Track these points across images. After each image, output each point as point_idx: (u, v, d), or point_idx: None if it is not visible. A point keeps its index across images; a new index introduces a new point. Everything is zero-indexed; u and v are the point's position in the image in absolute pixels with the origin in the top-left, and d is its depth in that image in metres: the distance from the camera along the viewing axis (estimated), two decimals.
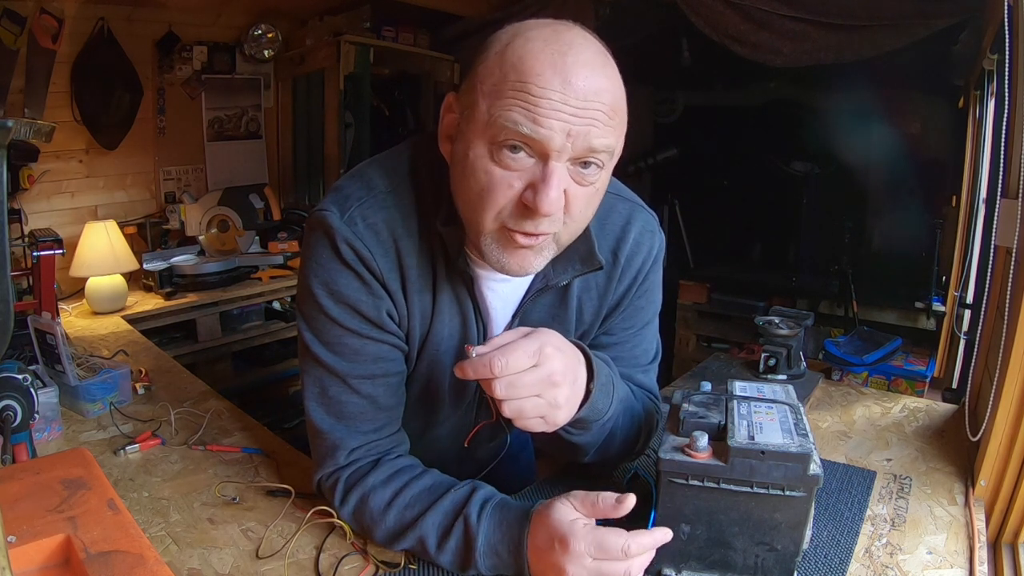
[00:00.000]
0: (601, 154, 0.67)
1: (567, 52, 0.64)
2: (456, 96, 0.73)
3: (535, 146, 0.65)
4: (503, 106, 0.64)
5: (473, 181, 0.68)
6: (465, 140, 0.69)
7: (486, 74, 0.67)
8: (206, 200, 2.69)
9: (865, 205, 3.34)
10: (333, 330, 0.78)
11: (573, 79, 0.63)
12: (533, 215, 0.67)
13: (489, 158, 0.67)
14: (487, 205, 0.68)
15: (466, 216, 0.73)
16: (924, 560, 0.83)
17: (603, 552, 0.66)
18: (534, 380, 0.67)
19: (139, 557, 0.62)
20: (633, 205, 0.89)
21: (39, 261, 1.58)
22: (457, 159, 0.71)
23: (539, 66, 0.63)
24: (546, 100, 0.63)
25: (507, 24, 0.71)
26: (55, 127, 0.73)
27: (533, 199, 0.65)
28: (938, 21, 1.99)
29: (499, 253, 0.71)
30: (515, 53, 0.65)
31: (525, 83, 0.63)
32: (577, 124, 0.64)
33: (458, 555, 0.74)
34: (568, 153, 0.65)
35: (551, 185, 0.65)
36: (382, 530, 0.79)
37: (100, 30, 2.40)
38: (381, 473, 0.80)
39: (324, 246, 0.76)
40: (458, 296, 0.82)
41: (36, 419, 1.04)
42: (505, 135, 0.64)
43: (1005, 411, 0.96)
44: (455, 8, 3.01)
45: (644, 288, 0.91)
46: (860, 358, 2.09)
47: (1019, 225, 1.00)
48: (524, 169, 0.66)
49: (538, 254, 0.72)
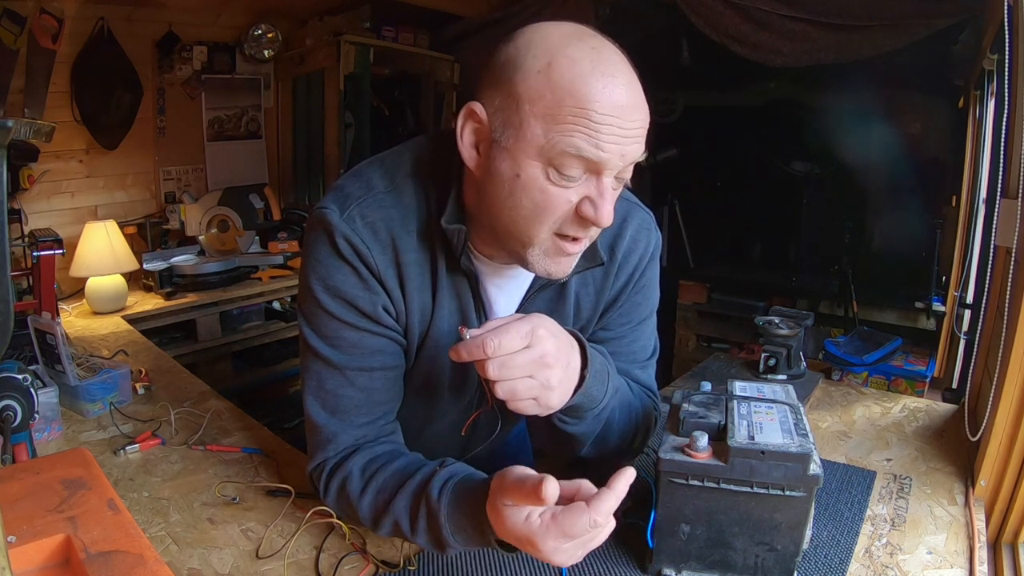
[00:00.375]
0: (634, 164, 0.71)
1: (615, 74, 0.67)
2: (484, 107, 0.72)
3: (592, 166, 0.68)
4: (563, 131, 0.66)
5: (526, 199, 0.70)
6: (514, 159, 0.69)
7: (534, 95, 0.67)
8: (206, 200, 2.69)
9: (865, 205, 3.34)
10: (330, 324, 0.79)
11: (622, 100, 0.67)
12: (589, 225, 0.71)
13: (546, 178, 0.69)
14: (543, 220, 0.71)
15: (511, 229, 0.73)
16: (924, 560, 0.83)
17: (574, 533, 0.64)
18: (526, 360, 0.68)
19: (139, 557, 0.62)
20: (629, 203, 0.90)
21: (39, 261, 1.58)
22: (499, 177, 0.71)
23: (593, 92, 0.66)
24: (606, 127, 0.66)
25: (501, 28, 0.71)
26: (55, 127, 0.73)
27: (594, 213, 0.69)
28: (938, 21, 1.99)
29: (547, 262, 0.75)
30: (563, 75, 0.66)
31: (584, 109, 0.65)
32: (626, 144, 0.68)
33: (431, 535, 0.74)
34: (618, 169, 0.70)
35: (608, 200, 0.70)
36: (362, 514, 0.79)
37: (100, 30, 2.40)
38: (360, 459, 0.81)
39: (323, 243, 0.77)
40: (459, 293, 0.83)
41: (36, 419, 1.04)
42: (565, 159, 0.67)
43: (1005, 411, 0.96)
44: (455, 8, 3.01)
45: (641, 284, 0.92)
46: (860, 358, 2.09)
47: (1019, 225, 1.00)
48: (578, 184, 0.70)
49: (577, 258, 0.77)
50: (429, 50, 3.15)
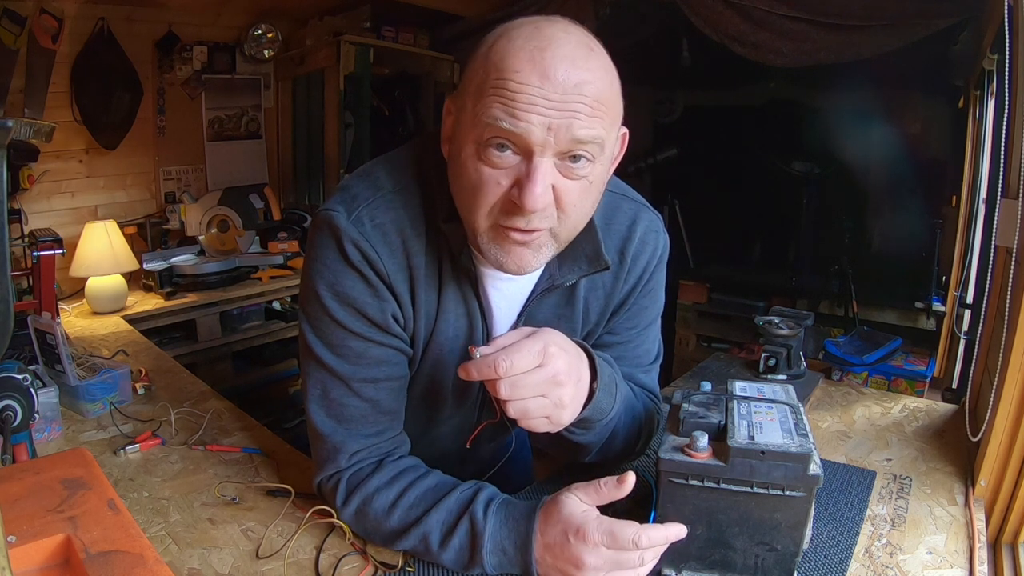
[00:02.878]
0: (588, 145, 0.66)
1: (546, 48, 0.64)
2: (452, 99, 0.73)
3: (518, 142, 0.65)
4: (485, 104, 0.65)
5: (465, 180, 0.69)
6: (458, 141, 0.70)
7: (472, 75, 0.68)
8: (206, 200, 2.69)
9: (865, 205, 3.34)
10: (337, 332, 0.77)
11: (552, 73, 0.63)
12: (522, 211, 0.67)
13: (477, 157, 0.67)
14: (478, 203, 0.69)
15: (463, 215, 0.73)
16: (924, 560, 0.83)
17: (615, 542, 0.67)
18: (539, 380, 0.67)
19: (139, 557, 0.62)
20: (638, 205, 0.89)
21: (39, 261, 1.58)
22: (452, 159, 0.72)
23: (518, 63, 0.64)
24: (524, 95, 0.63)
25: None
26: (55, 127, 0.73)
27: (519, 195, 0.66)
28: (938, 21, 1.99)
29: (496, 251, 0.71)
30: (497, 53, 0.66)
31: (504, 80, 0.64)
32: (557, 118, 0.64)
33: (462, 552, 0.74)
34: (552, 148, 0.65)
35: (535, 181, 0.65)
36: (385, 530, 0.78)
37: (100, 30, 2.40)
38: (385, 475, 0.80)
39: (330, 247, 0.75)
40: (463, 295, 0.82)
41: (36, 419, 1.04)
42: (488, 132, 0.65)
43: (1005, 411, 0.96)
44: (455, 8, 3.01)
45: (649, 287, 0.91)
46: (860, 358, 2.09)
47: (1019, 225, 1.00)
48: (510, 167, 0.67)
49: (536, 252, 0.72)
50: (429, 50, 3.15)
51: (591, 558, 0.67)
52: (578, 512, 0.70)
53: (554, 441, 0.84)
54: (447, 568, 0.77)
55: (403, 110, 3.37)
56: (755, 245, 3.78)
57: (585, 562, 0.67)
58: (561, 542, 0.69)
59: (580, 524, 0.68)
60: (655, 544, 0.68)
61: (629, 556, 0.68)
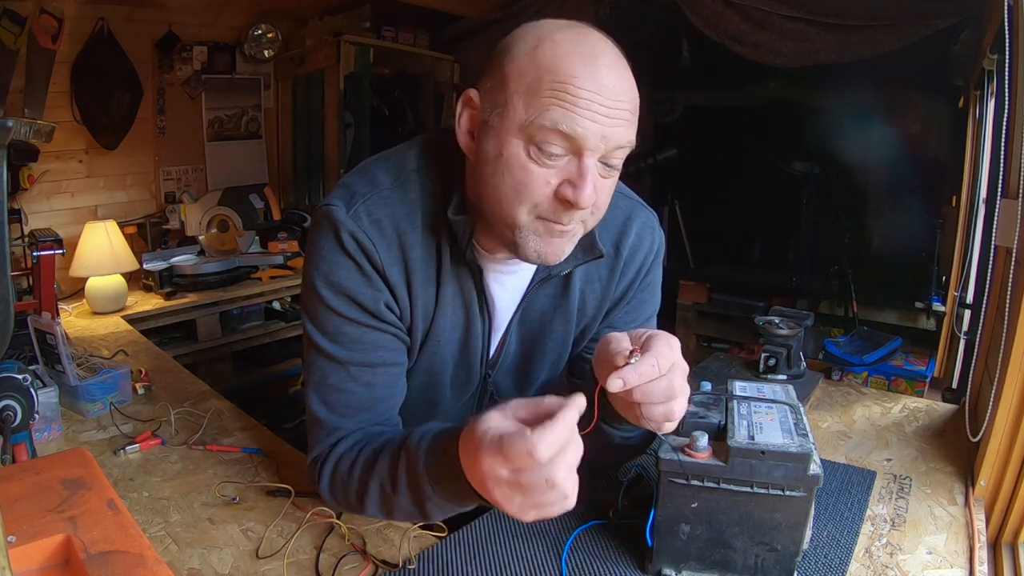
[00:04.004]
0: (624, 150, 0.71)
1: (598, 56, 0.67)
2: (479, 92, 0.74)
3: (572, 144, 0.68)
4: (542, 106, 0.67)
5: (508, 177, 0.70)
6: (498, 138, 0.70)
7: (519, 74, 0.69)
8: (206, 200, 2.69)
9: (865, 205, 3.34)
10: (333, 320, 0.79)
11: (605, 80, 0.67)
12: (570, 209, 0.70)
13: (527, 155, 0.69)
14: (523, 200, 0.70)
15: (496, 210, 0.74)
16: (924, 560, 0.83)
17: (510, 461, 0.56)
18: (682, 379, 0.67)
19: (139, 557, 0.62)
20: (633, 202, 0.91)
21: (39, 261, 1.58)
22: (487, 157, 0.72)
23: (574, 68, 0.66)
24: (584, 100, 0.66)
25: (501, 29, 0.72)
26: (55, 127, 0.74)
27: (573, 194, 0.68)
28: (938, 21, 1.99)
29: (536, 242, 0.73)
30: (547, 55, 0.68)
31: (563, 83, 0.66)
32: (609, 125, 0.67)
33: (412, 492, 0.71)
34: (600, 152, 0.69)
35: (587, 181, 0.68)
36: (352, 493, 0.78)
37: (100, 30, 2.40)
38: (351, 439, 0.81)
39: (328, 238, 0.77)
40: (462, 288, 0.83)
41: (36, 419, 1.04)
42: (543, 134, 0.67)
43: (1005, 411, 0.96)
44: (455, 8, 3.01)
45: (647, 282, 0.92)
46: (860, 358, 2.09)
47: (1019, 225, 1.00)
48: (560, 166, 0.69)
49: (570, 240, 0.75)
50: (429, 50, 3.15)
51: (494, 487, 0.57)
52: (477, 434, 0.59)
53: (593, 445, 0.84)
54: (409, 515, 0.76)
55: (403, 110, 3.37)
56: (755, 245, 3.78)
57: (492, 493, 0.58)
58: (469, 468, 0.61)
59: (473, 447, 0.58)
60: (554, 447, 0.54)
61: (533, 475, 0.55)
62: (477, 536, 0.85)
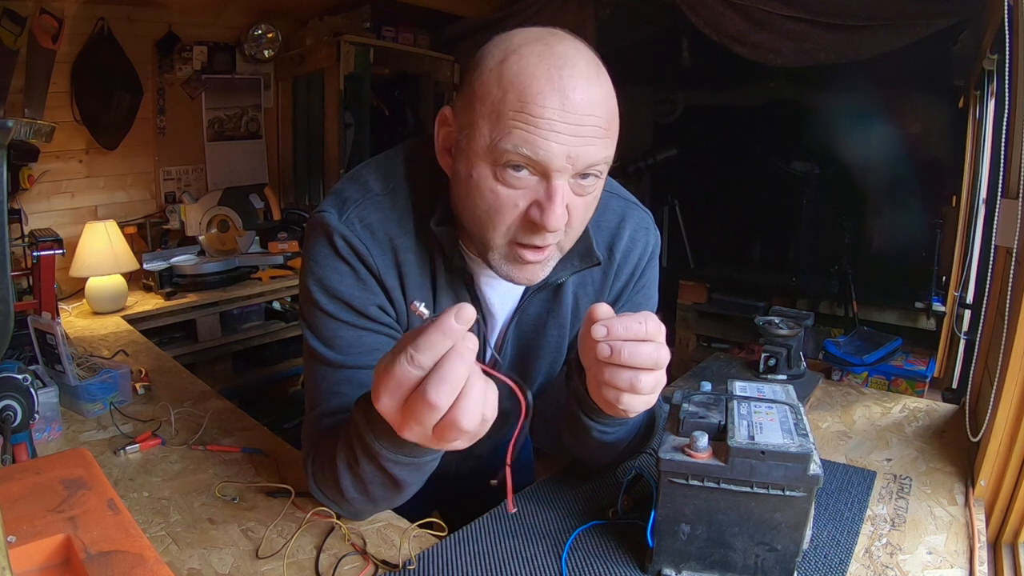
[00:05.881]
0: (600, 165, 0.69)
1: (563, 67, 0.65)
2: (452, 111, 0.73)
3: (537, 167, 0.66)
4: (504, 128, 0.65)
5: (480, 200, 0.70)
6: (467, 160, 0.70)
7: (484, 93, 0.67)
8: (206, 200, 2.69)
9: (865, 205, 3.34)
10: (328, 324, 0.79)
11: (571, 93, 0.64)
12: (540, 231, 0.68)
13: (493, 178, 0.68)
14: (495, 223, 0.70)
15: (474, 231, 0.74)
16: (924, 560, 0.82)
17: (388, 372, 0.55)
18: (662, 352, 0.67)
19: (139, 557, 0.61)
20: (627, 203, 0.90)
21: (39, 261, 1.58)
22: (460, 178, 0.72)
23: (537, 84, 0.64)
24: (545, 120, 0.64)
25: (501, 29, 0.71)
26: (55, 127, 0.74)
27: (540, 217, 0.67)
28: (938, 21, 1.99)
29: (508, 267, 0.73)
30: (511, 71, 0.65)
31: (524, 103, 0.64)
32: (577, 144, 0.65)
33: (366, 454, 0.70)
34: (570, 171, 0.67)
35: (555, 203, 0.67)
36: (328, 472, 0.77)
37: (100, 30, 2.40)
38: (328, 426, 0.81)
39: (322, 244, 0.78)
40: (458, 294, 0.83)
41: (36, 419, 1.04)
42: (508, 157, 0.66)
43: (1005, 411, 0.96)
44: (455, 8, 3.01)
45: (641, 284, 0.92)
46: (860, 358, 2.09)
47: (1019, 225, 1.00)
48: (528, 187, 0.68)
49: (545, 266, 0.75)
50: (429, 50, 3.15)
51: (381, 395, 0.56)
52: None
53: (578, 444, 0.84)
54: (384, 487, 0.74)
55: (403, 110, 3.37)
56: (755, 245, 3.78)
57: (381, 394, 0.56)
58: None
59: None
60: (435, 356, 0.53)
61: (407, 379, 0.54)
62: (477, 536, 0.85)
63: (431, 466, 0.74)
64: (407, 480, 0.73)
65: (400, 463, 0.70)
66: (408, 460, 0.69)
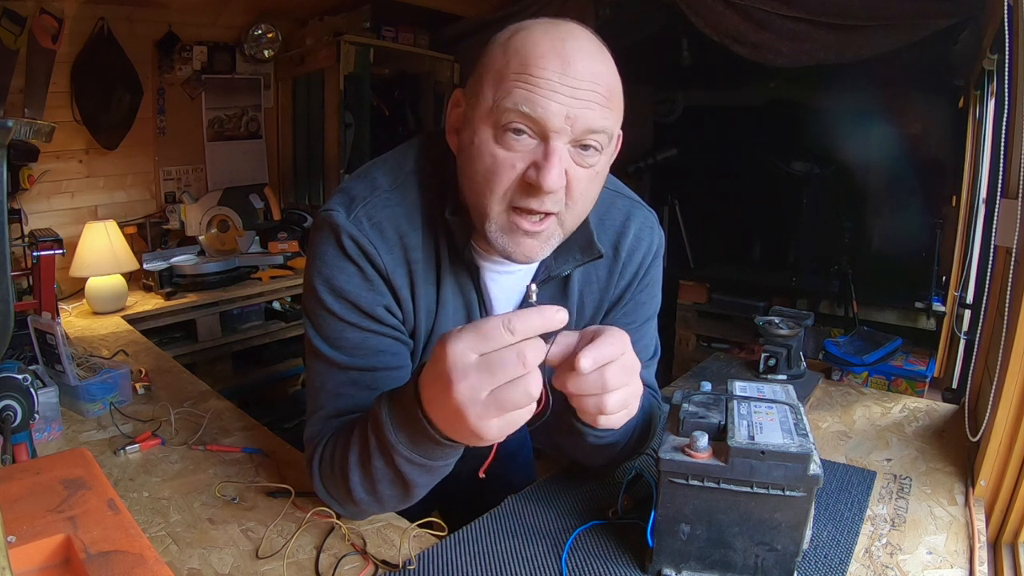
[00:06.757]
0: (599, 135, 0.69)
1: (566, 39, 0.68)
2: (463, 91, 0.75)
3: (536, 126, 0.67)
4: (506, 89, 0.67)
5: (479, 164, 0.70)
6: (471, 127, 0.71)
7: (490, 63, 0.70)
8: (206, 200, 2.69)
9: (865, 205, 3.34)
10: (334, 325, 0.79)
11: (572, 61, 0.66)
12: (537, 192, 0.69)
13: (494, 141, 0.69)
14: (493, 186, 0.70)
15: (472, 201, 0.74)
16: (924, 560, 0.82)
17: (484, 339, 0.56)
18: (631, 366, 0.65)
19: (139, 557, 0.61)
20: (632, 202, 0.90)
21: (39, 261, 1.58)
22: (463, 147, 0.74)
23: (539, 50, 0.67)
24: (545, 80, 0.66)
25: (501, 28, 0.74)
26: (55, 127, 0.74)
27: (536, 176, 0.68)
28: (938, 21, 1.99)
29: (505, 240, 0.73)
30: (517, 43, 0.68)
31: (526, 66, 0.66)
32: (576, 106, 0.66)
33: (381, 448, 0.70)
34: (568, 135, 0.68)
35: (553, 163, 0.67)
36: (339, 472, 0.77)
37: (100, 30, 2.40)
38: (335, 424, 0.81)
39: (329, 243, 0.77)
40: (462, 288, 0.83)
41: (36, 419, 1.04)
42: (507, 117, 0.67)
43: (1005, 411, 0.96)
44: (455, 8, 3.01)
45: (645, 283, 0.92)
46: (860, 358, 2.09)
47: (1019, 225, 1.00)
48: (527, 150, 0.69)
49: (544, 242, 0.74)
50: (429, 50, 3.15)
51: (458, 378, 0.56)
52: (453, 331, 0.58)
53: (573, 446, 0.84)
54: (392, 485, 0.74)
55: (403, 110, 3.37)
56: (755, 245, 3.78)
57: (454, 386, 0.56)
58: (432, 379, 0.60)
59: (441, 344, 0.58)
60: (531, 328, 0.56)
61: (505, 355, 0.56)
62: (477, 536, 0.85)
63: (442, 471, 0.74)
64: (417, 481, 0.74)
65: (414, 462, 0.70)
66: (422, 460, 0.70)
